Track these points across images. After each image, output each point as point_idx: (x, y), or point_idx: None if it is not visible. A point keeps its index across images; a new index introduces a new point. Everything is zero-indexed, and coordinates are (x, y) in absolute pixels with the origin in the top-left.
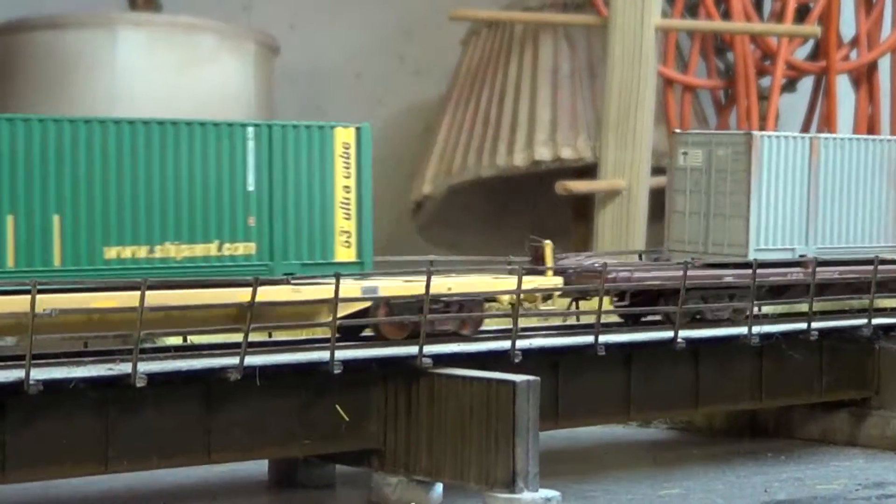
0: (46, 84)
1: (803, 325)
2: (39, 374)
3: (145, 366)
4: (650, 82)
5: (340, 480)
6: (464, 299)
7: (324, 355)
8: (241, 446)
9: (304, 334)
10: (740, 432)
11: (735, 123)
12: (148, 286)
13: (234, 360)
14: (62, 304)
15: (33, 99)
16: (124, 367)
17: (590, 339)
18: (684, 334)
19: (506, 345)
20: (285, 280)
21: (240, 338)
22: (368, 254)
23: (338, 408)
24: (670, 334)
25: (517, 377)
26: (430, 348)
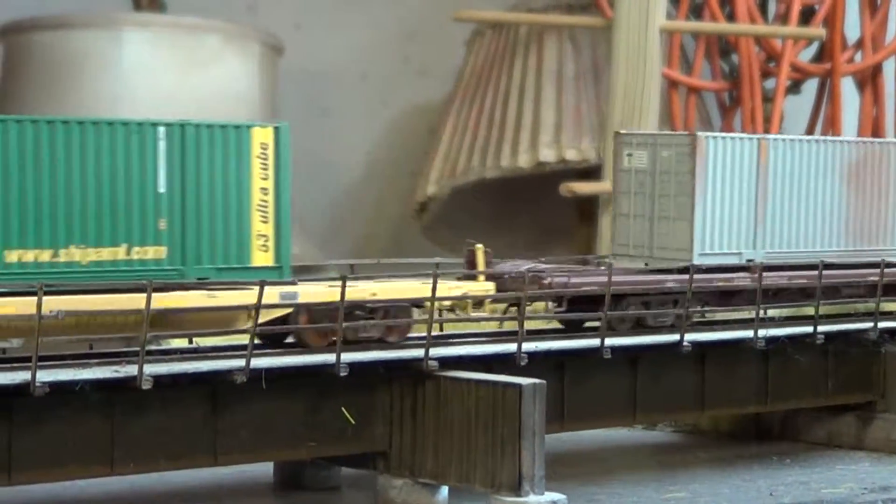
0: (50, 85)
1: (809, 329)
2: (46, 375)
3: (151, 368)
4: (654, 84)
5: (346, 483)
6: (389, 306)
7: (330, 358)
8: (247, 448)
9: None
10: (746, 436)
11: (740, 125)
12: (45, 291)
13: (241, 362)
14: None
15: (37, 99)
16: (130, 370)
17: (596, 342)
18: (690, 338)
19: (512, 348)
20: (199, 285)
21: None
22: (287, 258)
23: (344, 410)
24: (676, 338)
25: (523, 380)
26: (437, 351)
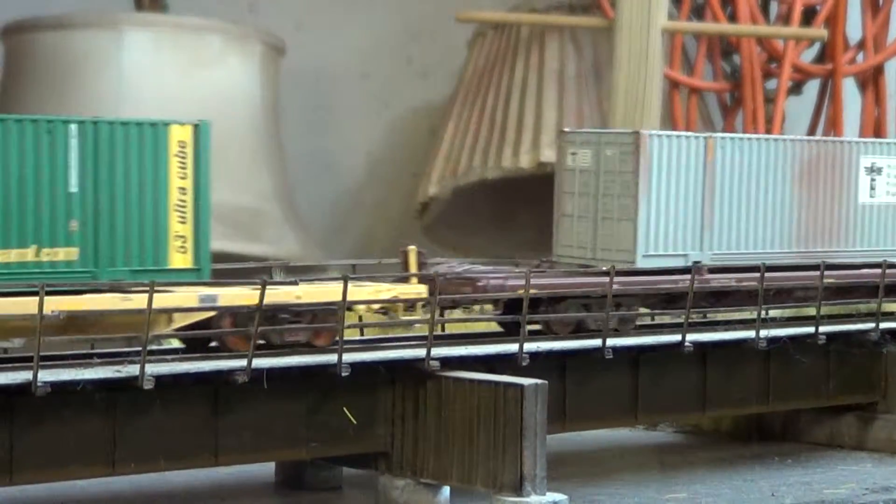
0: (52, 85)
1: (811, 329)
2: (47, 375)
3: (153, 368)
4: (656, 85)
5: (347, 483)
6: (315, 309)
7: (331, 358)
8: (249, 448)
9: None
10: (747, 436)
11: (741, 126)
12: None
13: (242, 362)
14: None
15: (39, 100)
16: (132, 369)
17: (597, 342)
18: (692, 338)
19: (514, 348)
20: (113, 286)
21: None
22: (206, 260)
23: (345, 410)
24: (678, 338)
25: (525, 380)
26: (438, 351)
